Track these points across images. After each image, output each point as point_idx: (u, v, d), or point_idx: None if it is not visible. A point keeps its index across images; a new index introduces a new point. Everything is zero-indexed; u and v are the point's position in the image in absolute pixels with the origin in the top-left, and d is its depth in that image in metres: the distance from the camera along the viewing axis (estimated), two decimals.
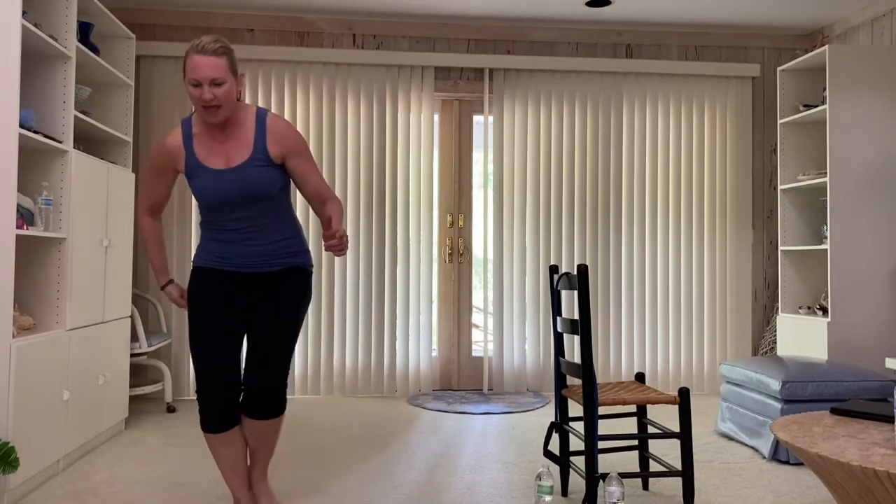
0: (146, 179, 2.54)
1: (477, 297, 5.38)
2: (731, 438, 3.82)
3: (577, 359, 5.03)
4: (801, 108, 4.68)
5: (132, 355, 4.21)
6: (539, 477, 2.60)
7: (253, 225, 2.46)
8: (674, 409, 4.57)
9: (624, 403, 2.68)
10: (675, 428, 4.05)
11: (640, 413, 2.97)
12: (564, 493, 2.89)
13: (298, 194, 4.97)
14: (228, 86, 2.33)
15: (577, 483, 3.04)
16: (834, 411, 2.62)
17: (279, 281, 2.52)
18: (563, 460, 2.88)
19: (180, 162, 2.46)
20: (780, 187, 4.74)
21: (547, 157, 5.16)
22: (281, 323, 2.50)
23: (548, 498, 2.58)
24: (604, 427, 4.09)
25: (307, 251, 2.60)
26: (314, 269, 4.89)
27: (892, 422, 2.47)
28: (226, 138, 2.43)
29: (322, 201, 2.52)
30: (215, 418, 2.47)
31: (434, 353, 5.19)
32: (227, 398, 2.47)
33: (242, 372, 2.52)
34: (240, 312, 2.51)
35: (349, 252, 4.98)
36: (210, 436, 2.50)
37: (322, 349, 4.94)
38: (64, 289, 3.20)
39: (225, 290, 2.49)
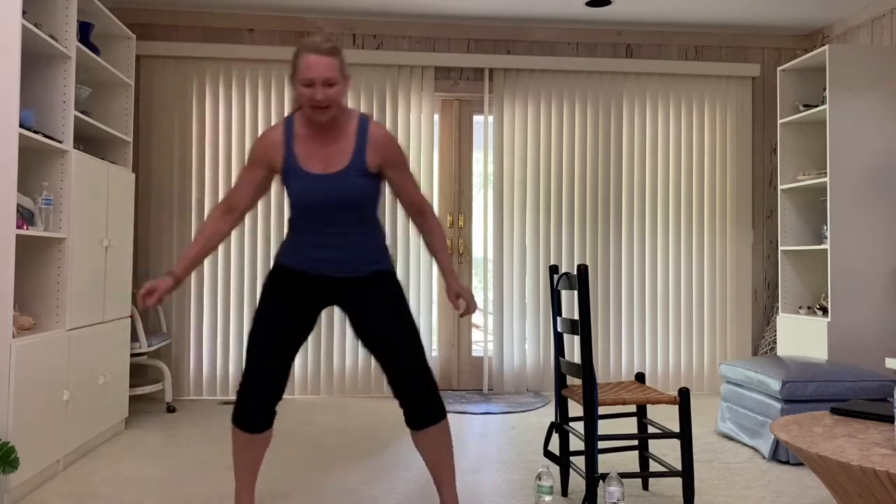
0: (239, 175, 2.48)
1: (477, 297, 5.38)
2: (731, 438, 3.82)
3: (577, 359, 5.03)
4: (801, 108, 4.68)
5: (132, 355, 4.21)
6: (539, 477, 2.60)
7: (344, 231, 2.41)
8: (674, 409, 4.57)
9: (624, 403, 2.68)
10: (675, 428, 4.05)
11: (640, 413, 2.97)
12: (564, 493, 2.89)
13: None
14: (339, 87, 2.29)
15: (577, 483, 3.04)
16: (834, 411, 2.62)
17: (375, 284, 2.46)
18: (563, 460, 2.87)
19: (278, 158, 2.39)
20: (780, 187, 4.74)
21: (547, 157, 5.16)
22: (395, 324, 2.44)
23: (548, 498, 2.58)
24: (604, 427, 4.09)
25: (390, 257, 2.56)
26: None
27: (892, 422, 2.47)
28: (327, 142, 2.38)
29: (420, 213, 2.52)
30: (250, 417, 2.43)
31: (434, 353, 5.19)
32: (267, 400, 2.43)
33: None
34: (308, 318, 2.47)
35: None
36: (238, 432, 2.47)
37: (322, 349, 4.94)
38: (64, 289, 3.20)
39: (302, 293, 2.45)
